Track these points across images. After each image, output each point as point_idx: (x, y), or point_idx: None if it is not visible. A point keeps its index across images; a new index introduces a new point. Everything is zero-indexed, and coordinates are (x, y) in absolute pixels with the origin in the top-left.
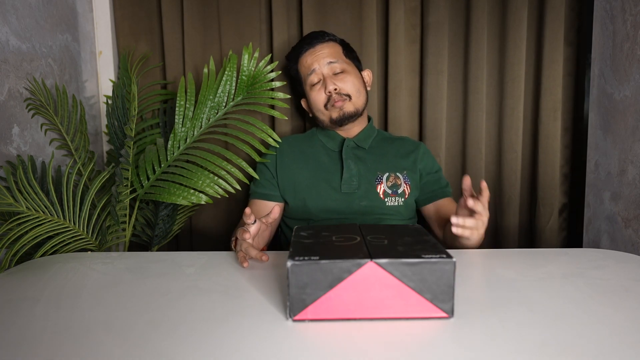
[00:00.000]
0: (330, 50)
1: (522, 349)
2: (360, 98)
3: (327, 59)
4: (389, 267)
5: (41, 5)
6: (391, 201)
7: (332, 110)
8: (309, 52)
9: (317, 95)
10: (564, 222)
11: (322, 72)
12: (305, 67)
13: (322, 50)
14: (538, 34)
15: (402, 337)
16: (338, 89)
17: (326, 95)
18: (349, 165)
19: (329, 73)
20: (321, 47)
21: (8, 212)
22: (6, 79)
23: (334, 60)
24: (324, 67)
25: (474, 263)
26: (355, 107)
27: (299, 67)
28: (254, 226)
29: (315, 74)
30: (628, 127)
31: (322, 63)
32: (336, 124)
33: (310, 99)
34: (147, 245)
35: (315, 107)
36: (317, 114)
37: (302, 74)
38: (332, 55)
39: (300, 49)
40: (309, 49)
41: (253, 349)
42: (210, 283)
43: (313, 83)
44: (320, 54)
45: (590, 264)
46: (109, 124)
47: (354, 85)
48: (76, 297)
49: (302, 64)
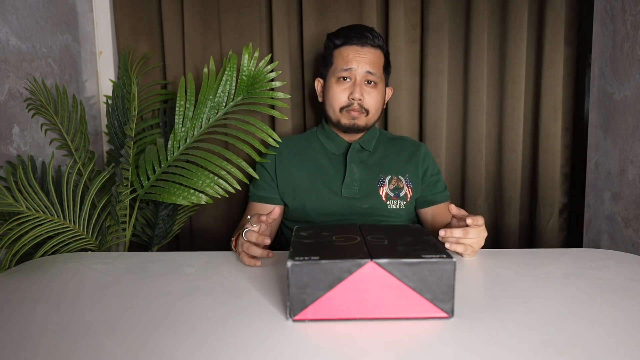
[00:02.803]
0: (375, 58)
1: (522, 349)
2: (375, 116)
3: (368, 66)
4: (389, 267)
5: (41, 5)
6: (393, 204)
7: (345, 115)
8: (355, 49)
9: (340, 93)
10: (564, 222)
11: (357, 75)
12: (344, 60)
13: (368, 55)
14: (538, 34)
15: (402, 337)
16: (362, 101)
17: (349, 100)
18: (352, 169)
19: (362, 80)
20: (369, 51)
21: (8, 212)
22: (6, 79)
23: (373, 71)
24: (362, 72)
25: (474, 263)
26: (367, 123)
27: (336, 53)
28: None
29: (350, 72)
30: (628, 127)
31: (361, 67)
32: (341, 129)
33: (330, 91)
34: (147, 245)
35: (330, 101)
36: (328, 108)
37: (336, 62)
38: (374, 65)
39: (348, 39)
40: (357, 45)
41: (253, 349)
42: (210, 283)
43: (342, 77)
44: (365, 58)
45: (590, 264)
46: (109, 124)
47: (377, 102)
48: (76, 297)
49: (341, 54)
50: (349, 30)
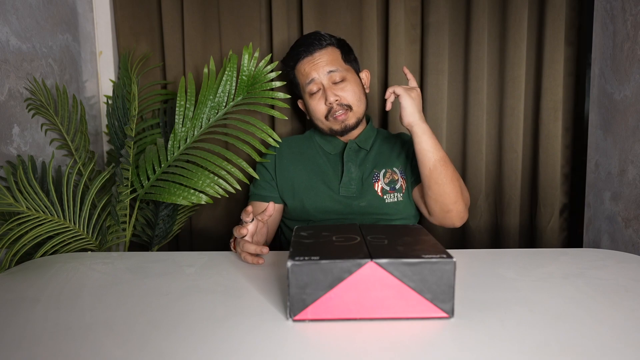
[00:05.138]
0: (329, 57)
1: (522, 349)
2: (361, 107)
3: (326, 67)
4: (389, 267)
5: (41, 5)
6: (390, 198)
7: (333, 122)
8: (307, 60)
9: (317, 104)
10: (564, 222)
11: (321, 81)
12: (304, 75)
13: (320, 59)
14: (538, 34)
15: (402, 337)
16: (339, 99)
17: (327, 107)
18: (349, 169)
19: (329, 83)
20: (320, 55)
21: (8, 212)
22: (6, 79)
23: (333, 69)
24: (324, 76)
25: (474, 263)
26: (357, 118)
27: (297, 74)
28: (251, 224)
29: (315, 84)
30: (628, 127)
31: (321, 72)
32: (337, 134)
33: (310, 108)
34: (147, 245)
35: (314, 116)
36: (316, 122)
37: (300, 81)
38: (331, 63)
39: (297, 56)
40: (307, 56)
41: (253, 349)
42: (210, 283)
43: (312, 92)
44: (319, 63)
45: (591, 264)
46: (109, 124)
47: (355, 94)
48: (76, 297)
49: (299, 71)
50: (295, 47)
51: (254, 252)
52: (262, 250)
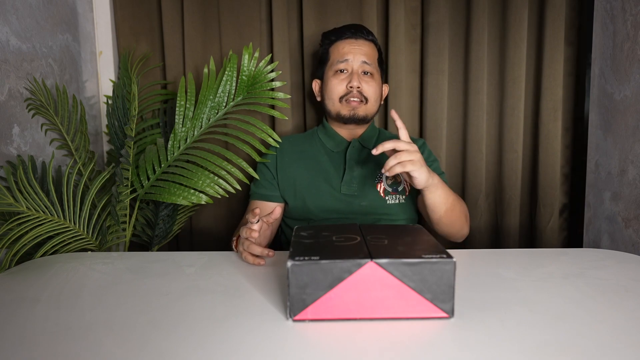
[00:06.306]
0: (369, 50)
1: (522, 349)
2: (375, 106)
3: (363, 57)
4: (389, 267)
5: (41, 5)
6: (392, 199)
7: (345, 106)
8: (349, 42)
9: (338, 84)
10: (564, 222)
11: (353, 65)
12: (339, 53)
13: (362, 47)
14: (538, 34)
15: (402, 337)
16: (361, 88)
17: (347, 89)
18: (351, 167)
19: (359, 70)
20: (363, 43)
21: (8, 212)
22: (6, 79)
23: (368, 62)
24: (357, 62)
25: (474, 263)
26: (367, 113)
27: (332, 49)
28: (257, 225)
29: (347, 64)
30: (628, 127)
31: (357, 58)
32: (341, 120)
33: (329, 85)
34: (147, 245)
35: (329, 94)
36: (327, 101)
37: (332, 56)
38: (369, 56)
39: (342, 34)
40: (351, 38)
41: (253, 349)
42: (211, 283)
43: (339, 70)
44: (360, 49)
45: (591, 264)
46: (109, 124)
47: (375, 92)
48: (76, 297)
49: (337, 48)
50: (342, 27)
51: (259, 254)
52: (269, 254)
